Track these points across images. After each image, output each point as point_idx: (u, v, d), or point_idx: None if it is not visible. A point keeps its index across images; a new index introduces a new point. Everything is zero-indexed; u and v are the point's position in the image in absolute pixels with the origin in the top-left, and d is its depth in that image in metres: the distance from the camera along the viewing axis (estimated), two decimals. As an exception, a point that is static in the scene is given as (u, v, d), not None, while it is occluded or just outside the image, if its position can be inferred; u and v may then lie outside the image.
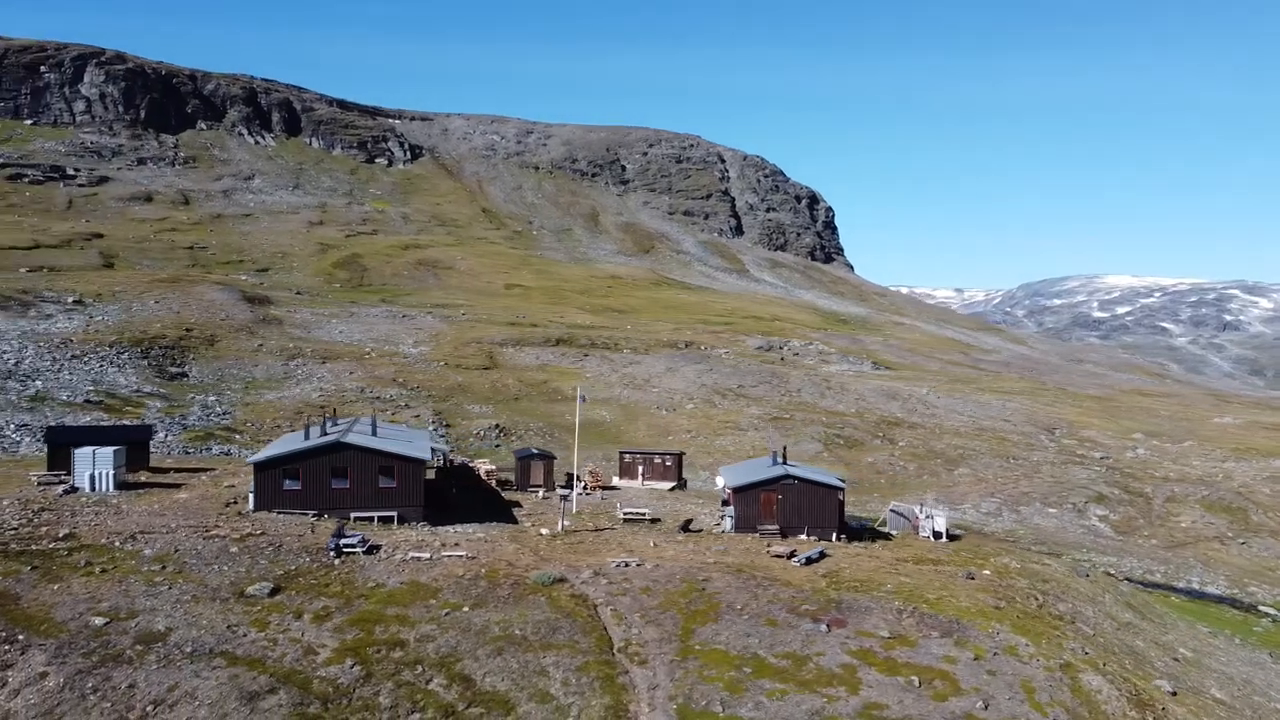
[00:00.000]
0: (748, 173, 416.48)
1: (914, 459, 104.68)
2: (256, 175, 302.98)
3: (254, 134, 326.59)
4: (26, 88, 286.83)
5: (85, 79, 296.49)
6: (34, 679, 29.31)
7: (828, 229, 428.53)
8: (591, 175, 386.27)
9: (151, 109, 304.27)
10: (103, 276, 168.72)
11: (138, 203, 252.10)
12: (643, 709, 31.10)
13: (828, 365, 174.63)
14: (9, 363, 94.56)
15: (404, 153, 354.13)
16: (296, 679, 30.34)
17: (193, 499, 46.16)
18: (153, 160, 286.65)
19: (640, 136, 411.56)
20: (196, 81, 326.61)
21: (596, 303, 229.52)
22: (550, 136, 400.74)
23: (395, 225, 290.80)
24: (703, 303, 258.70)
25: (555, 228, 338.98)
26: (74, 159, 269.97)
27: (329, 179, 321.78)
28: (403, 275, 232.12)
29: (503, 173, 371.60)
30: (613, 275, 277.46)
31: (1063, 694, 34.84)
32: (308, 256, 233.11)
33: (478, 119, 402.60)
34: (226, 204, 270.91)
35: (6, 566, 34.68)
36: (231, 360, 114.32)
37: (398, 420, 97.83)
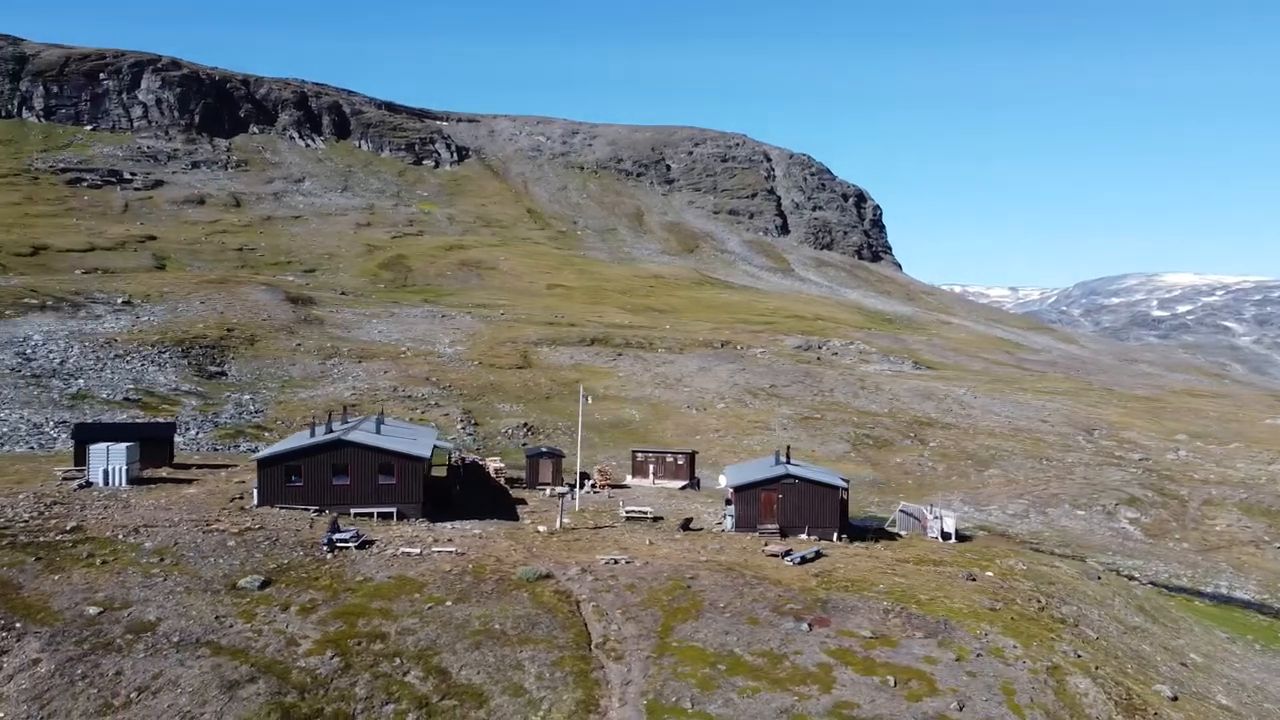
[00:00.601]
0: (794, 171, 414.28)
1: (944, 459, 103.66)
2: (306, 178, 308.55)
3: (304, 137, 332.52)
4: (87, 94, 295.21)
5: (142, 85, 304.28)
6: (27, 665, 30.58)
7: (875, 227, 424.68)
8: (636, 175, 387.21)
9: (205, 114, 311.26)
10: (154, 278, 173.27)
11: (191, 205, 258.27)
12: (613, 704, 31.53)
13: (867, 365, 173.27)
14: (54, 362, 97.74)
15: (451, 154, 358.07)
16: (276, 669, 31.26)
17: (201, 494, 47.59)
18: (206, 164, 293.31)
19: (685, 136, 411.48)
20: (249, 86, 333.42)
21: (637, 302, 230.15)
22: (595, 137, 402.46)
23: (441, 226, 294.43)
24: (745, 302, 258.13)
25: (599, 228, 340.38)
26: (131, 163, 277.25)
27: (377, 181, 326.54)
28: (446, 276, 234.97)
29: (548, 173, 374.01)
30: (655, 275, 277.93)
31: (1045, 696, 34.56)
32: (354, 257, 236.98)
33: (524, 120, 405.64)
34: (276, 206, 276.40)
35: (13, 557, 36.15)
36: (270, 359, 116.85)
37: (426, 419, 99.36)
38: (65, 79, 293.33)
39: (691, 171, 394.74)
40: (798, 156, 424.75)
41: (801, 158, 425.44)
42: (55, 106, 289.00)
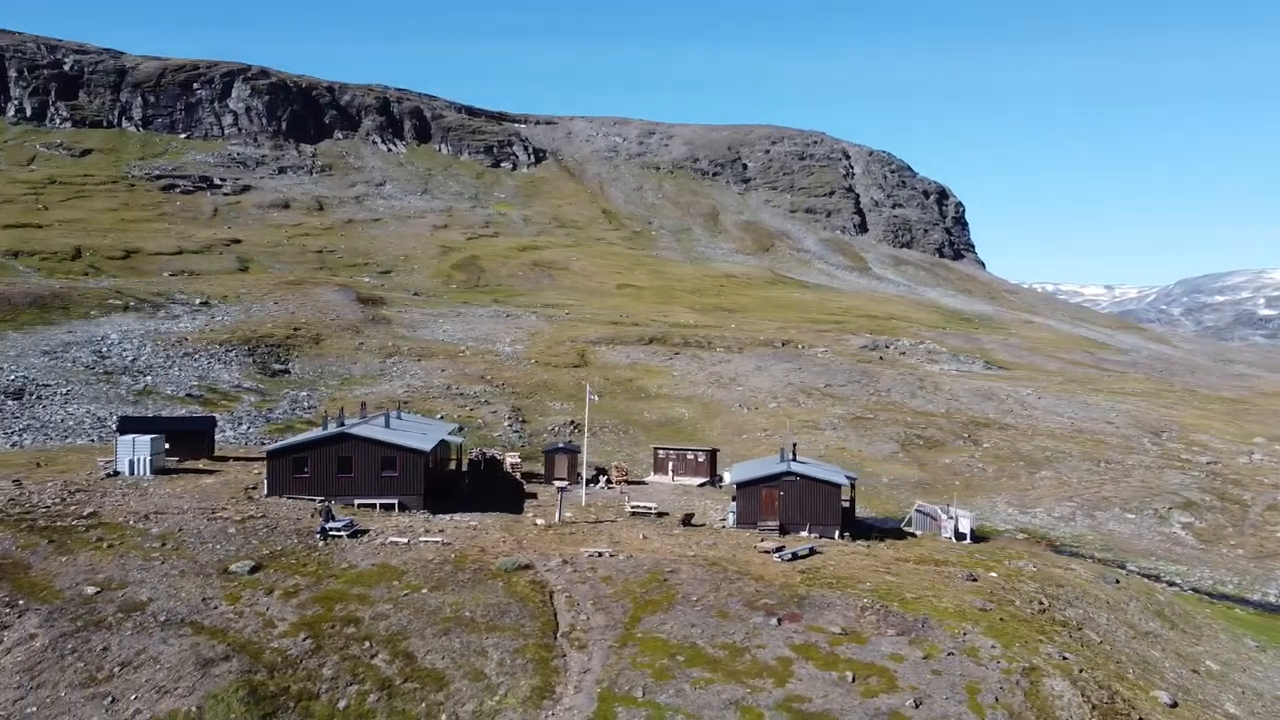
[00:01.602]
0: (873, 168, 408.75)
1: (995, 460, 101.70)
2: (387, 181, 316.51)
3: (386, 142, 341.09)
4: (181, 104, 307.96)
5: (233, 94, 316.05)
6: (25, 639, 32.88)
7: (957, 225, 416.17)
8: (712, 174, 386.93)
9: (292, 120, 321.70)
10: (235, 279, 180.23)
11: (276, 210, 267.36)
12: (568, 691, 32.42)
13: (934, 365, 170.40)
14: (127, 359, 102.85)
15: (528, 156, 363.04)
16: (250, 649, 32.98)
17: (216, 484, 50.01)
18: (292, 169, 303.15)
19: (763, 134, 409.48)
20: (334, 93, 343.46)
21: (706, 302, 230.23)
22: (672, 137, 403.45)
23: (516, 227, 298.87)
24: (817, 301, 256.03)
25: (674, 228, 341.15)
26: (221, 169, 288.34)
27: (455, 183, 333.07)
28: (518, 276, 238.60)
29: (624, 174, 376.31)
30: (727, 274, 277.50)
31: (1013, 697, 34.25)
32: (429, 259, 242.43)
33: (600, 121, 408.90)
34: (357, 209, 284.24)
35: (28, 539, 38.75)
36: (333, 358, 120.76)
37: (474, 416, 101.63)
38: (161, 89, 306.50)
39: (768, 170, 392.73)
40: (877, 154, 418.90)
41: (881, 155, 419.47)
42: (152, 116, 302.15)
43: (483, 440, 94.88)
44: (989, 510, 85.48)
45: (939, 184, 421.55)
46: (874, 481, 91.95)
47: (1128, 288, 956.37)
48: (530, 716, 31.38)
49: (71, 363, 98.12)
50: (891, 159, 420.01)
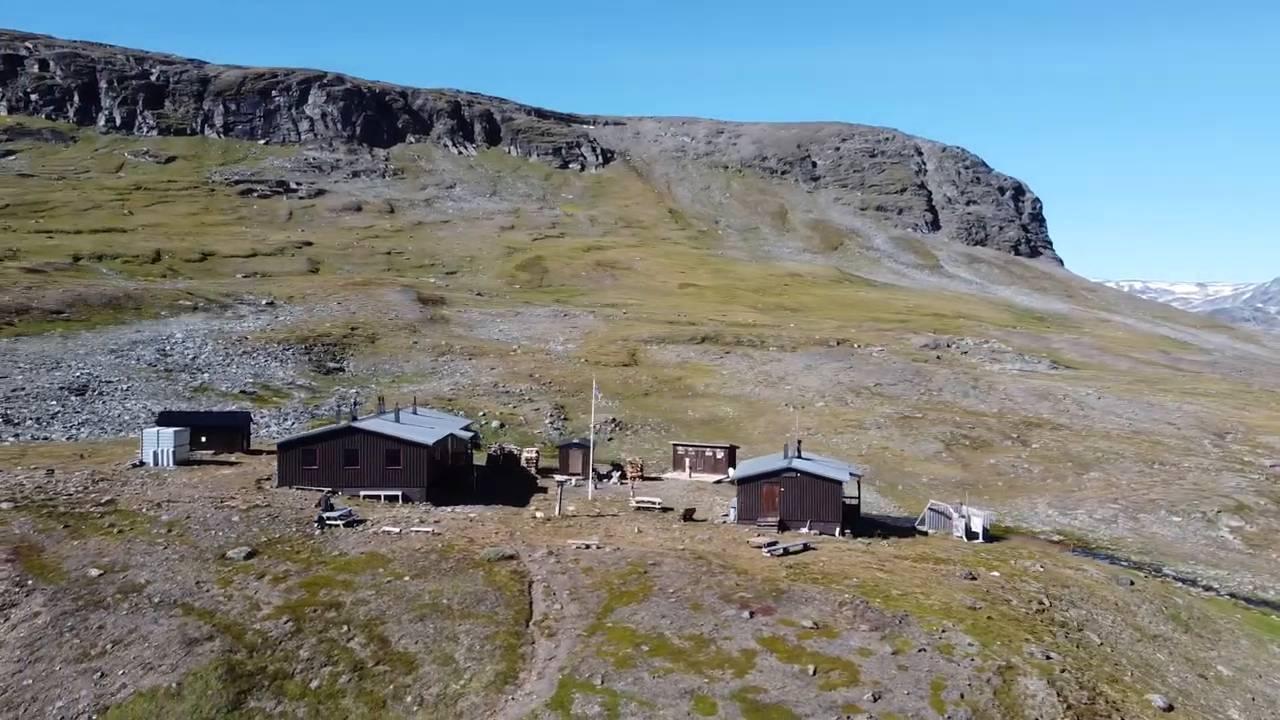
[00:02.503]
0: (946, 165, 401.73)
1: (1043, 461, 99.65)
2: (458, 184, 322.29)
3: (457, 145, 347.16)
4: (260, 111, 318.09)
5: (309, 100, 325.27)
6: (29, 616, 35.06)
7: (1034, 221, 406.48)
8: (781, 173, 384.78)
9: (366, 125, 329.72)
10: (304, 280, 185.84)
11: (349, 213, 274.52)
12: (531, 677, 33.36)
13: (996, 364, 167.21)
14: (188, 357, 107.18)
15: (596, 157, 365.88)
16: (234, 630, 34.65)
17: (233, 475, 52.23)
18: (365, 173, 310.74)
19: (833, 132, 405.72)
20: (407, 98, 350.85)
21: (769, 301, 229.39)
22: (740, 135, 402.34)
23: (582, 228, 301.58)
24: (884, 300, 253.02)
25: (741, 227, 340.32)
26: (297, 174, 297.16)
27: (524, 185, 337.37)
28: (581, 276, 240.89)
29: (691, 173, 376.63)
30: (792, 273, 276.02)
31: (980, 695, 34.06)
32: (494, 259, 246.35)
33: (669, 121, 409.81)
34: (427, 211, 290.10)
35: (46, 524, 41.18)
36: (386, 356, 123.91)
37: (516, 414, 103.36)
38: (242, 97, 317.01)
39: (838, 168, 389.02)
40: (951, 149, 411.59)
41: (955, 150, 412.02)
42: (233, 123, 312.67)
43: (523, 437, 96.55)
44: (1027, 511, 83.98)
45: (1015, 180, 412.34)
46: (912, 481, 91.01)
47: (1222, 285, 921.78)
48: (491, 700, 32.41)
49: (135, 360, 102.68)
50: (965, 155, 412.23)
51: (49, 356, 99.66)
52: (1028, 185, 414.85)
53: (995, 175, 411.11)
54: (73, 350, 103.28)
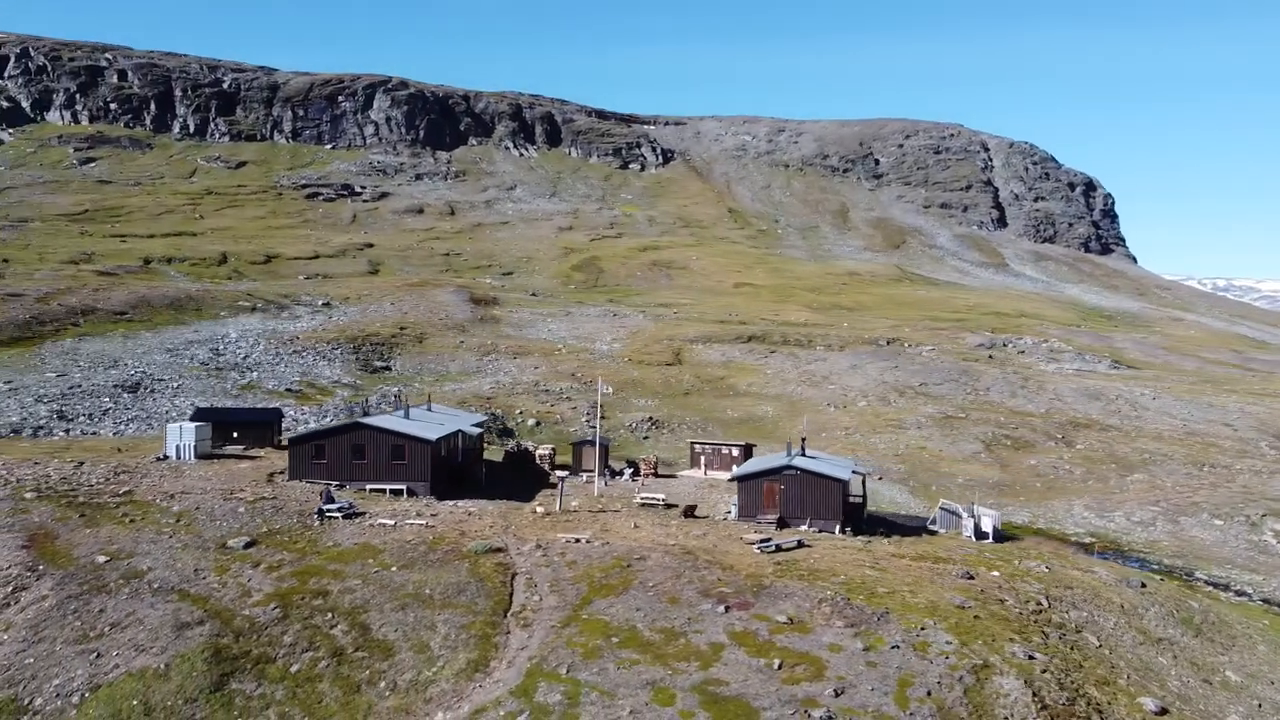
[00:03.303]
0: (1014, 161, 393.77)
1: (1085, 463, 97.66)
2: (518, 185, 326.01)
3: (518, 147, 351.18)
4: (327, 116, 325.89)
5: (374, 105, 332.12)
6: (37, 600, 37.10)
7: (1106, 218, 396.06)
8: (843, 171, 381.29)
9: (429, 129, 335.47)
10: (363, 281, 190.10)
11: (410, 215, 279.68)
12: (501, 666, 34.29)
13: (1053, 363, 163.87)
14: (239, 356, 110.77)
15: (656, 157, 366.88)
16: (224, 615, 36.24)
17: (247, 469, 54.20)
18: (428, 175, 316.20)
19: (896, 129, 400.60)
20: (469, 101, 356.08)
21: (825, 300, 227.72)
22: (802, 134, 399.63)
23: (640, 228, 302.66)
24: (944, 299, 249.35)
25: (801, 225, 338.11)
26: (362, 177, 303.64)
27: (584, 186, 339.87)
28: (636, 276, 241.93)
29: (751, 172, 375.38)
30: (851, 272, 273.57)
31: (950, 693, 34.01)
32: (550, 260, 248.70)
33: (730, 120, 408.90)
34: (487, 213, 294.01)
35: (64, 513, 43.40)
36: (433, 356, 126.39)
37: (554, 412, 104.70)
38: (309, 103, 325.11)
39: (901, 165, 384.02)
40: (1019, 145, 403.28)
41: (1023, 146, 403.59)
42: (301, 129, 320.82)
43: (558, 435, 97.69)
44: (1062, 513, 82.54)
45: (1086, 175, 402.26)
46: (947, 482, 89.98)
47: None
48: (459, 687, 33.42)
49: (189, 359, 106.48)
50: (1034, 150, 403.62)
51: (108, 355, 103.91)
52: (1099, 181, 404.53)
53: (1065, 171, 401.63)
54: (131, 350, 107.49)
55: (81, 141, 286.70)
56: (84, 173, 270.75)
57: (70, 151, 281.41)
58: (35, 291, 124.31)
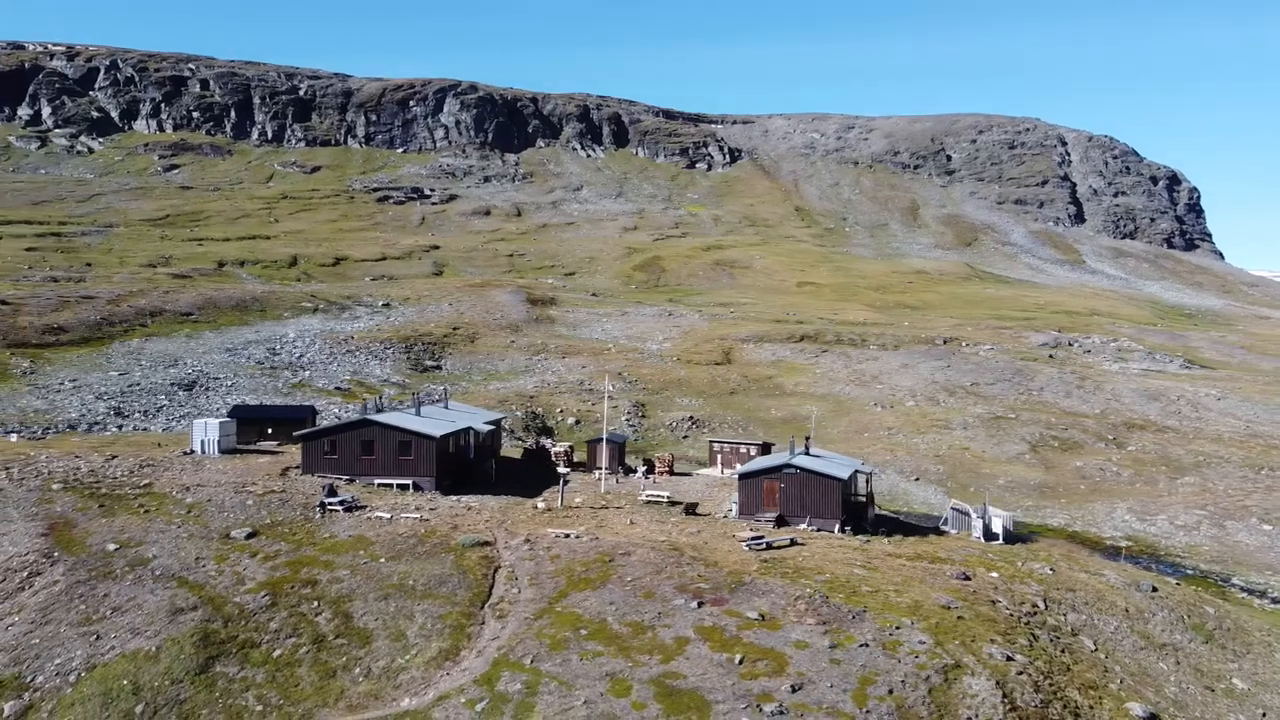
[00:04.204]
0: (1093, 155, 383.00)
1: (1134, 465, 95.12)
2: (584, 186, 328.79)
3: (586, 148, 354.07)
4: (399, 120, 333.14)
5: (445, 109, 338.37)
6: (49, 584, 39.41)
7: (1191, 213, 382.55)
8: (913, 167, 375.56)
9: (498, 131, 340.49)
10: (426, 282, 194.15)
11: (478, 217, 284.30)
12: (470, 655, 35.38)
13: (1119, 363, 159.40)
14: (294, 355, 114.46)
15: (723, 156, 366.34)
16: (216, 601, 38.05)
17: (266, 463, 56.28)
18: (496, 177, 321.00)
19: (969, 124, 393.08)
20: (537, 103, 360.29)
21: (889, 299, 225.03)
22: (872, 130, 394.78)
23: (705, 228, 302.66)
24: (1013, 297, 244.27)
25: (869, 223, 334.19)
26: (432, 180, 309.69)
27: (650, 186, 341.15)
28: (698, 275, 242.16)
29: (820, 170, 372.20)
30: (918, 270, 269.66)
31: (912, 692, 33.99)
32: (612, 260, 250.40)
33: (799, 118, 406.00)
34: (553, 214, 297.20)
35: (85, 503, 45.87)
36: (483, 355, 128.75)
37: (594, 411, 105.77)
38: (382, 108, 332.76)
39: (974, 161, 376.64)
40: (1098, 139, 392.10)
41: (1102, 140, 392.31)
42: (374, 133, 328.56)
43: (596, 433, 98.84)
44: (1102, 516, 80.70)
45: (1170, 169, 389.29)
46: (987, 483, 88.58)
47: None
48: (428, 675, 34.60)
49: (246, 359, 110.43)
50: (1114, 144, 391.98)
51: (170, 354, 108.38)
52: (1184, 174, 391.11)
53: (1147, 164, 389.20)
54: (192, 349, 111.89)
55: (166, 149, 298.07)
56: (167, 179, 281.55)
57: (155, 159, 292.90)
58: (108, 294, 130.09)
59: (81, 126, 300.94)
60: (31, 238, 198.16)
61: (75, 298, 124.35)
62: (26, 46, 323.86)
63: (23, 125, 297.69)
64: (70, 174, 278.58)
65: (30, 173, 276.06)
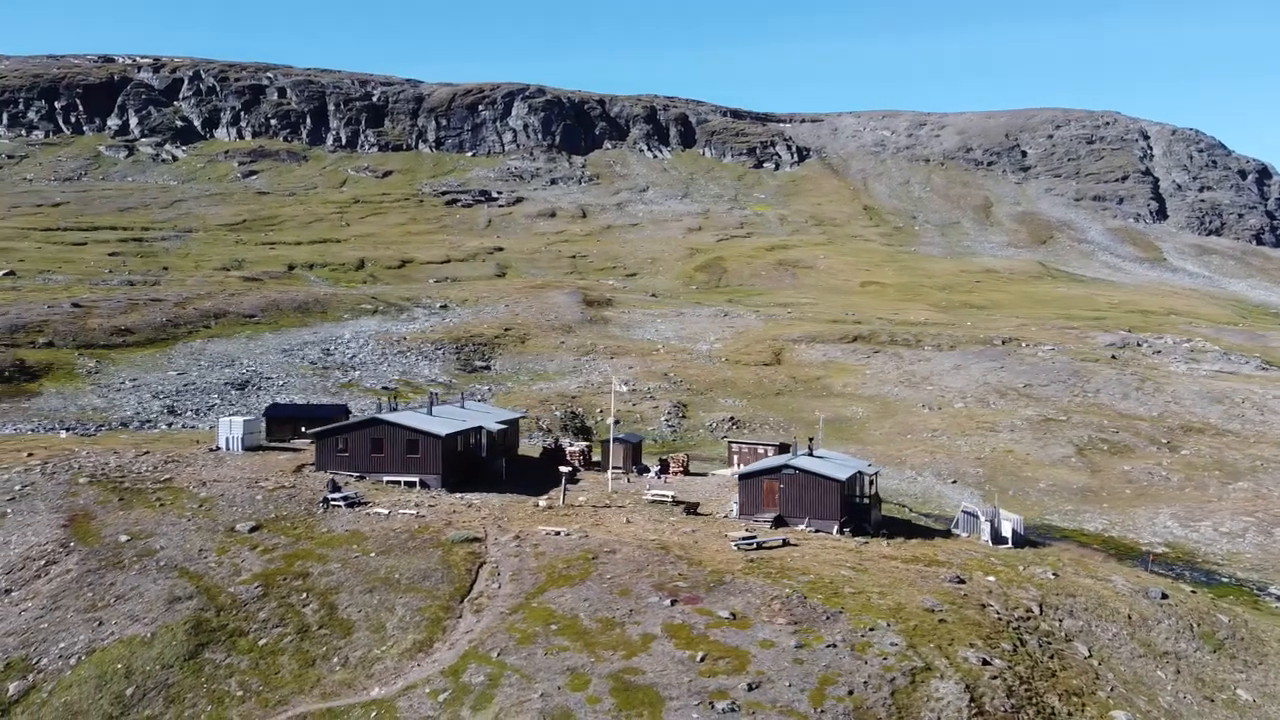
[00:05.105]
0: (1176, 148, 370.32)
1: (1185, 469, 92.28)
2: (650, 187, 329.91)
3: (652, 149, 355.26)
4: (468, 125, 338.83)
5: (513, 113, 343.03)
6: (62, 573, 41.72)
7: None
8: (987, 164, 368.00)
9: (565, 134, 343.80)
10: (487, 284, 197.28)
11: (543, 218, 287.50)
12: (443, 647, 36.49)
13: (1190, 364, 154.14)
14: (347, 355, 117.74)
15: (791, 156, 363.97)
16: (211, 591, 39.86)
17: (282, 460, 58.29)
18: (562, 180, 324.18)
19: (1045, 118, 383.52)
20: (604, 105, 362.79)
21: (954, 299, 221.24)
22: (944, 127, 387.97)
23: (770, 227, 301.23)
24: (1085, 297, 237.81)
25: (940, 222, 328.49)
26: (499, 183, 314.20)
27: (716, 186, 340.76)
28: (760, 276, 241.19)
29: (890, 168, 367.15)
30: (987, 269, 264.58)
31: (874, 694, 33.98)
32: (674, 261, 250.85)
33: (869, 115, 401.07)
34: (618, 215, 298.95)
35: (106, 496, 48.31)
36: (532, 356, 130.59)
37: (635, 411, 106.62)
38: (452, 113, 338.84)
39: (1050, 156, 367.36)
40: (1182, 132, 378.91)
41: (1187, 133, 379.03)
42: (444, 138, 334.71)
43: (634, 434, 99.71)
44: (1143, 521, 78.60)
45: (1259, 162, 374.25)
46: (1027, 487, 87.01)
47: None
48: (401, 665, 35.80)
49: (300, 359, 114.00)
50: (1200, 137, 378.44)
51: (228, 355, 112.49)
52: (1275, 168, 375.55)
53: (1235, 158, 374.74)
54: (250, 350, 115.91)
55: (245, 156, 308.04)
56: (245, 185, 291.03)
57: (234, 165, 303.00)
58: (175, 296, 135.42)
59: (166, 135, 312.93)
60: (115, 243, 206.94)
61: (144, 300, 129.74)
62: (116, 59, 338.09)
63: (112, 135, 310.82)
64: (155, 181, 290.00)
65: (118, 180, 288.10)
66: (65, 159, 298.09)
